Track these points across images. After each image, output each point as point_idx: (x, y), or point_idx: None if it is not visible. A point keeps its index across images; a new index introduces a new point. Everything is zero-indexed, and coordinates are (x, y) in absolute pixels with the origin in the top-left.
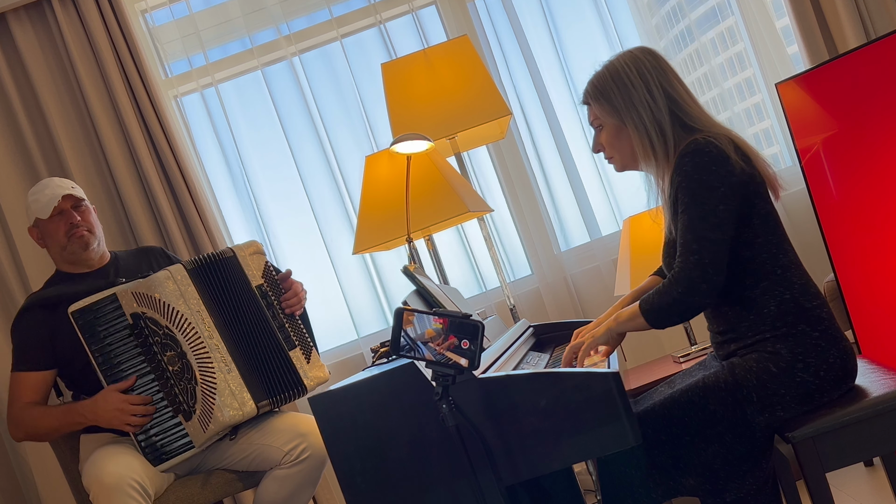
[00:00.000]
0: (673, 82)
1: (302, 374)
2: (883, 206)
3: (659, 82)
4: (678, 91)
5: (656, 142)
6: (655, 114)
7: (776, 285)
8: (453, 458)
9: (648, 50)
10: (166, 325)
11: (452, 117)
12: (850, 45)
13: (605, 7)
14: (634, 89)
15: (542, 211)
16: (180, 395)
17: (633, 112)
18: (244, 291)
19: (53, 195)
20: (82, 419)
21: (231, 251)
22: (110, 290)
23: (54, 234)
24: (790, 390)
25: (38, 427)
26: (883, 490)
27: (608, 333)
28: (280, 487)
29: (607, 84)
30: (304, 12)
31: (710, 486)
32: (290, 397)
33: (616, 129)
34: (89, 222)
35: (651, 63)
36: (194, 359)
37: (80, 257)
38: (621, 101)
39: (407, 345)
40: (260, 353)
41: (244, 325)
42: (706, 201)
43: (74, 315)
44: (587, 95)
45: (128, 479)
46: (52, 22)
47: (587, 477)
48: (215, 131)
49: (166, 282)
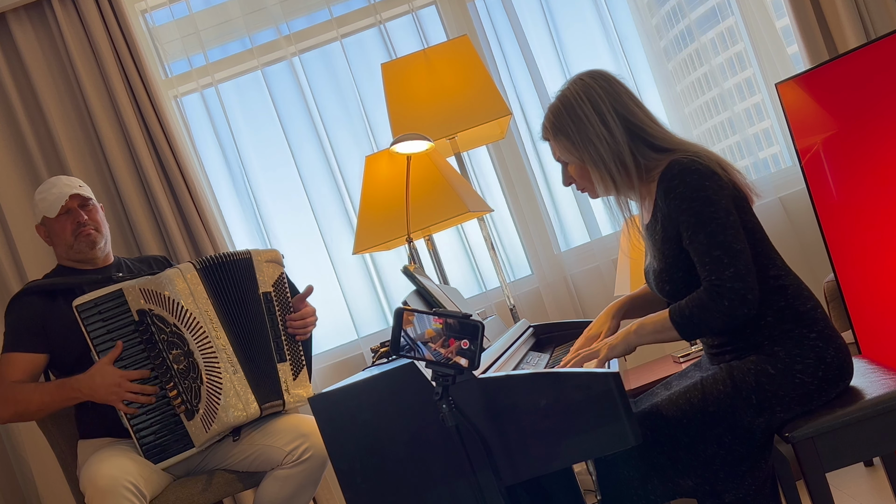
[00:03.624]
0: (629, 105)
1: (284, 388)
2: (883, 206)
3: (613, 109)
4: (635, 115)
5: (616, 175)
6: (612, 146)
7: (770, 294)
8: (453, 458)
9: (600, 73)
10: (174, 323)
11: (452, 117)
12: (850, 45)
13: (605, 7)
14: (589, 123)
15: (542, 211)
16: (183, 394)
17: (590, 147)
18: (249, 294)
19: (61, 194)
20: (76, 393)
21: (248, 253)
22: (116, 286)
23: (61, 233)
24: (789, 391)
25: (28, 403)
26: (883, 490)
27: (627, 345)
28: (281, 487)
29: (562, 119)
30: (304, 12)
31: (709, 486)
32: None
33: (579, 165)
34: (96, 221)
35: (604, 88)
36: (201, 358)
37: (86, 256)
38: (577, 137)
39: (407, 345)
40: (255, 355)
41: (247, 326)
42: (716, 215)
43: (79, 309)
44: (545, 132)
45: (122, 481)
46: (52, 22)
47: (587, 477)
48: (215, 131)
49: (176, 280)
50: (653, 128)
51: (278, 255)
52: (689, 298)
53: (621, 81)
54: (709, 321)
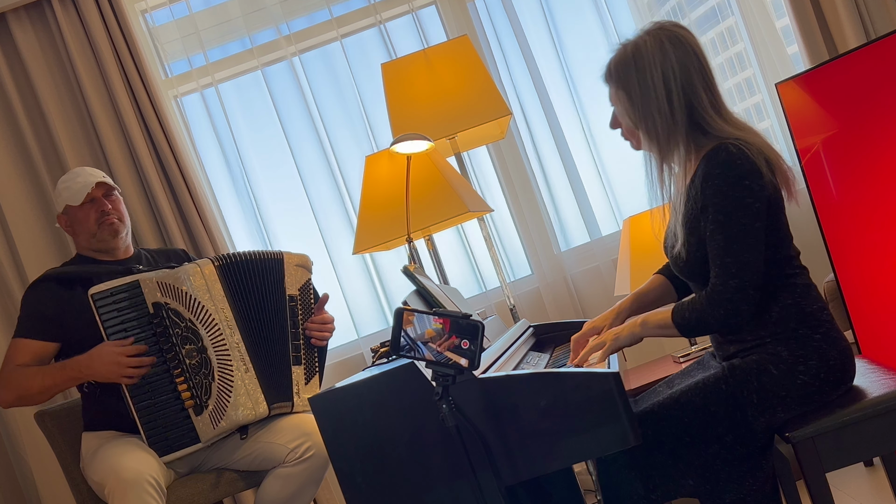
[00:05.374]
0: (698, 89)
1: (295, 391)
2: (882, 206)
3: (682, 90)
4: (701, 101)
5: (664, 147)
6: (669, 124)
7: (780, 290)
8: (453, 458)
9: (680, 38)
10: (189, 318)
11: (452, 117)
12: (850, 45)
13: (605, 7)
14: (655, 94)
15: (542, 211)
16: (194, 389)
17: (648, 118)
18: (273, 295)
19: (87, 182)
20: (77, 374)
21: (280, 254)
22: (133, 277)
23: (84, 221)
24: (791, 392)
25: (29, 386)
26: (883, 490)
27: (632, 337)
28: (283, 486)
29: (629, 77)
30: (304, 12)
31: (709, 486)
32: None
33: (631, 126)
34: (119, 211)
35: (680, 62)
36: (214, 355)
37: (108, 245)
38: (639, 102)
39: (407, 345)
40: (269, 356)
41: (264, 326)
42: (741, 220)
43: (94, 297)
44: (608, 77)
45: (146, 475)
46: (52, 22)
47: (587, 477)
48: (215, 131)
49: (194, 276)
50: (713, 118)
51: (308, 261)
52: (690, 301)
53: (699, 55)
54: (705, 326)
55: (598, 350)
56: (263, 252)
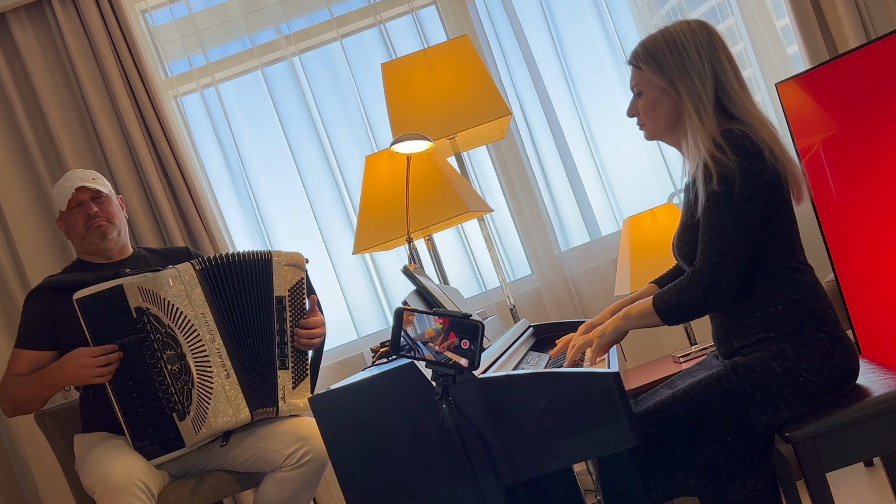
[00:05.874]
0: (724, 63)
1: (280, 395)
2: (882, 206)
3: (710, 62)
4: (727, 74)
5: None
6: (705, 88)
7: (785, 285)
8: (453, 458)
9: (705, 26)
10: (168, 325)
11: (452, 117)
12: (850, 45)
13: (605, 7)
14: (689, 59)
15: (542, 211)
16: (176, 395)
17: (686, 79)
18: (259, 297)
19: (70, 187)
20: (53, 381)
21: (269, 254)
22: (118, 281)
23: (74, 226)
24: (794, 390)
25: (19, 396)
26: (883, 490)
27: (616, 331)
28: (280, 490)
29: (660, 48)
30: (304, 12)
31: (711, 485)
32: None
33: (657, 96)
34: (108, 213)
35: (706, 40)
36: (193, 362)
37: (98, 247)
38: (674, 66)
39: (407, 345)
40: (253, 360)
41: (248, 330)
42: (735, 200)
43: (78, 302)
44: (636, 57)
45: (134, 479)
46: (52, 22)
47: (587, 477)
48: (215, 131)
49: (173, 281)
50: (737, 92)
51: (301, 260)
52: (671, 284)
53: (723, 43)
54: (685, 307)
55: (585, 349)
56: (251, 253)
